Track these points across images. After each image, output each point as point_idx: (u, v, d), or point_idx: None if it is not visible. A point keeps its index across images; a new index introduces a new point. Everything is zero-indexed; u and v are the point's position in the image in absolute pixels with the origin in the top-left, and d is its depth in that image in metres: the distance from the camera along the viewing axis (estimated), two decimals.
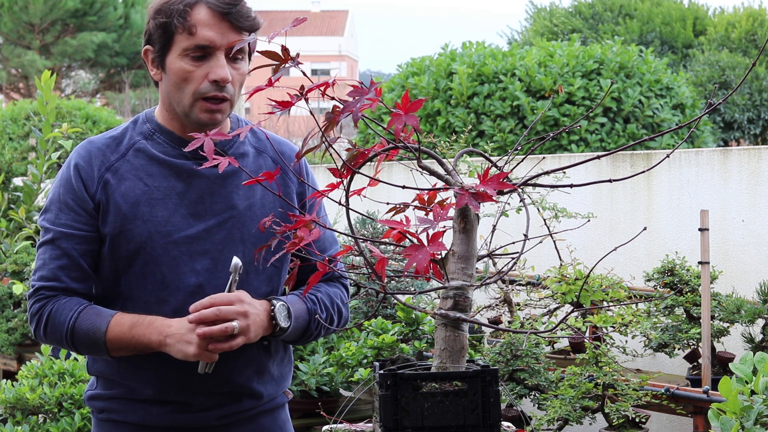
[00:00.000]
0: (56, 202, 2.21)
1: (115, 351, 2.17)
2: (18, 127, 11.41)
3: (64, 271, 2.18)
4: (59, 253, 2.18)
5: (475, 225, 1.69)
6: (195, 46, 2.13)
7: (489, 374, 1.68)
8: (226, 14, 2.14)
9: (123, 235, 2.16)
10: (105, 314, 2.17)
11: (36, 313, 2.20)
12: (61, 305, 2.18)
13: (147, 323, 2.13)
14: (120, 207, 2.16)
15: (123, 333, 2.13)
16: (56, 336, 2.19)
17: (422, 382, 1.67)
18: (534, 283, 4.28)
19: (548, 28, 22.91)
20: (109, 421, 2.27)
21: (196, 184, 2.18)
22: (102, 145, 2.21)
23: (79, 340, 2.17)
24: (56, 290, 2.19)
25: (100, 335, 2.14)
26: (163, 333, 2.11)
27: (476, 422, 1.66)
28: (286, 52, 1.67)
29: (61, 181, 2.22)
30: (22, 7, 28.52)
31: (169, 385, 2.19)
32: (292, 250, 1.72)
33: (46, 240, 2.20)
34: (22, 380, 3.65)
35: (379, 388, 1.69)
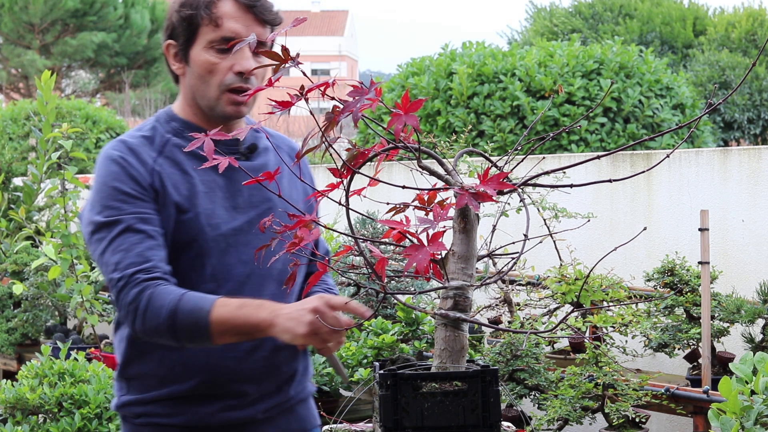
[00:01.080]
0: (112, 197, 2.14)
1: (219, 335, 2.06)
2: (18, 127, 11.41)
3: (152, 251, 2.11)
4: (142, 237, 2.11)
5: (475, 225, 1.69)
6: (221, 38, 2.15)
7: (489, 374, 1.68)
8: (251, 7, 2.17)
9: (178, 227, 2.15)
10: (209, 297, 2.08)
11: (132, 302, 2.09)
12: (160, 290, 2.08)
13: (256, 304, 2.06)
14: (173, 198, 2.15)
15: (229, 313, 2.04)
16: (155, 323, 2.07)
17: (422, 382, 1.67)
18: (534, 283, 4.28)
19: (548, 28, 22.91)
20: (150, 425, 2.21)
21: (235, 178, 2.19)
22: (138, 142, 2.20)
23: (181, 324, 2.06)
24: (151, 271, 2.09)
25: (203, 315, 2.05)
26: (274, 312, 2.03)
27: (476, 422, 1.66)
28: (286, 52, 1.67)
29: (110, 177, 2.16)
30: (22, 7, 28.51)
31: (218, 374, 2.17)
32: (292, 250, 1.72)
33: (119, 231, 2.12)
34: (22, 380, 3.65)
35: (379, 388, 1.69)
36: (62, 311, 5.49)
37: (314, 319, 1.98)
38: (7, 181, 6.23)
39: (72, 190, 5.14)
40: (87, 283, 4.84)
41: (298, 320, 2.00)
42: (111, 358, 4.81)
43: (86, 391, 3.48)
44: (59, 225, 5.05)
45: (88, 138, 11.46)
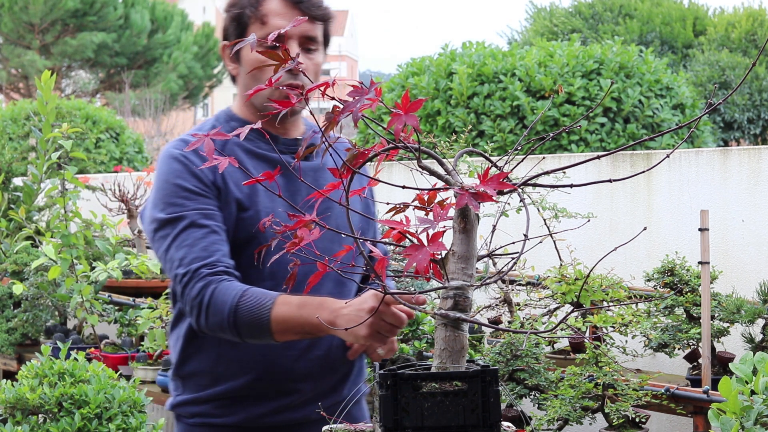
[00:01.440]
0: (175, 194, 2.15)
1: (279, 333, 2.06)
2: (18, 127, 11.40)
3: (216, 246, 2.12)
4: (206, 231, 2.13)
5: (475, 225, 1.69)
6: (267, 35, 2.16)
7: (489, 374, 1.68)
8: (298, 3, 2.17)
9: (237, 224, 2.16)
10: (271, 294, 2.08)
11: (196, 297, 2.10)
12: (224, 286, 2.08)
13: (317, 303, 2.05)
14: (235, 195, 2.16)
15: (290, 312, 2.04)
16: (218, 318, 2.08)
17: (422, 382, 1.67)
18: (534, 283, 4.28)
19: (548, 28, 22.91)
20: (203, 425, 2.23)
21: (293, 178, 2.18)
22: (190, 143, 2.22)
23: (243, 320, 2.06)
24: (215, 266, 2.10)
25: (264, 312, 2.05)
26: (335, 312, 2.02)
27: (476, 422, 1.66)
28: (286, 52, 1.67)
29: (172, 174, 2.17)
30: (22, 7, 28.51)
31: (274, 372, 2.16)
32: (292, 250, 1.72)
33: (183, 227, 2.13)
34: (22, 380, 3.65)
35: (379, 388, 1.69)
36: (62, 311, 5.49)
37: (374, 320, 1.97)
38: (7, 181, 6.23)
39: (72, 190, 5.14)
40: (87, 283, 4.84)
41: (358, 321, 1.98)
42: (111, 358, 4.82)
43: (86, 391, 3.47)
44: (59, 225, 5.05)
45: (88, 138, 11.46)
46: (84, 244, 4.95)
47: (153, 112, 26.53)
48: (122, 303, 5.17)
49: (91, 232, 5.44)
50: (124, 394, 3.41)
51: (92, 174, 9.23)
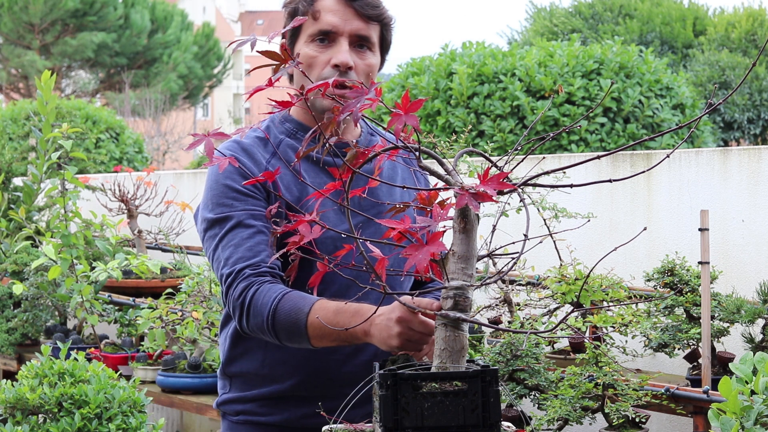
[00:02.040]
0: (224, 195, 2.16)
1: (316, 338, 2.06)
2: (18, 127, 11.40)
3: (262, 246, 2.12)
4: (253, 231, 2.13)
5: (475, 225, 1.69)
6: (318, 30, 2.16)
7: (489, 374, 1.68)
8: (352, 1, 2.17)
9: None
10: (309, 298, 2.07)
11: (239, 297, 2.10)
12: (265, 288, 2.09)
13: (353, 311, 2.03)
14: (285, 198, 2.15)
15: (326, 318, 2.03)
16: (258, 320, 2.08)
17: (422, 382, 1.67)
18: (534, 283, 4.28)
19: (548, 28, 22.92)
20: (247, 423, 2.25)
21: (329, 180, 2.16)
22: (251, 143, 2.22)
23: (280, 324, 2.06)
24: (259, 266, 2.11)
25: (302, 317, 2.05)
26: (369, 321, 2.01)
27: (476, 422, 1.66)
28: (286, 52, 1.67)
29: (223, 175, 2.17)
30: (22, 7, 28.51)
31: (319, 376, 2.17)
32: (292, 249, 1.72)
33: (230, 227, 2.14)
34: (22, 380, 3.65)
35: (379, 388, 1.69)
36: (62, 311, 5.49)
37: (403, 329, 1.96)
38: (7, 181, 6.23)
39: (72, 190, 5.13)
40: (87, 283, 4.84)
41: (388, 332, 1.98)
42: (111, 358, 4.82)
43: (86, 391, 3.47)
44: (59, 225, 5.05)
45: (88, 138, 11.46)
46: (84, 244, 4.95)
47: (153, 112, 26.53)
48: (122, 303, 5.17)
49: (91, 232, 5.44)
50: (124, 394, 3.41)
51: (92, 174, 9.23)
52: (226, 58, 36.51)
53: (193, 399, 4.26)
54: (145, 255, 5.36)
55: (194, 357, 4.34)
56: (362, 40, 2.18)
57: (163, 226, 6.23)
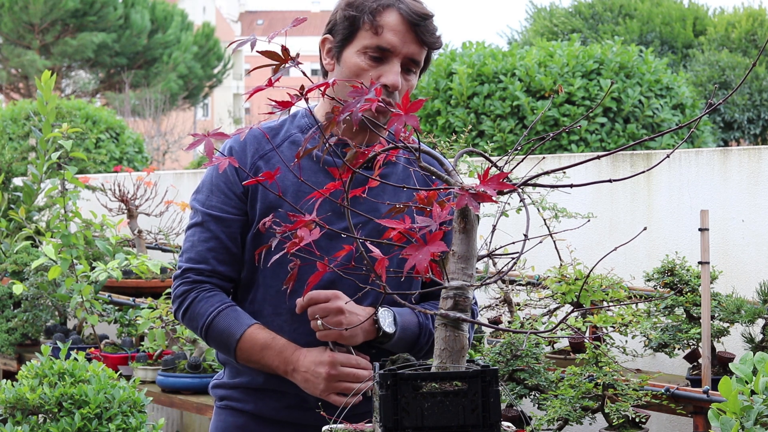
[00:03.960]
0: (208, 184, 2.26)
1: (243, 361, 2.23)
2: (18, 127, 11.40)
3: (212, 253, 2.23)
4: (208, 236, 2.23)
5: (475, 225, 1.69)
6: (376, 46, 2.16)
7: (489, 374, 1.68)
8: (416, 25, 2.16)
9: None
10: (243, 322, 2.21)
11: (180, 296, 2.25)
12: (204, 297, 2.22)
13: (277, 350, 2.18)
14: (267, 195, 2.20)
15: (253, 350, 2.19)
16: (193, 325, 2.25)
17: (422, 382, 1.67)
18: (534, 283, 4.28)
19: (548, 28, 22.92)
20: (227, 408, 2.33)
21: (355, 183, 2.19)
22: (258, 134, 2.24)
23: (212, 338, 2.23)
24: (203, 273, 2.23)
25: (232, 342, 2.20)
26: (292, 365, 2.17)
27: (476, 422, 1.66)
28: (286, 52, 1.67)
29: (214, 167, 2.26)
30: (22, 7, 28.51)
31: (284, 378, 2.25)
32: (292, 249, 1.72)
33: (196, 222, 2.25)
34: (22, 380, 3.65)
35: (379, 388, 1.69)
36: (62, 311, 5.49)
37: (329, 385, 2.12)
38: (7, 181, 6.23)
39: (72, 190, 5.13)
40: (87, 283, 4.84)
41: (313, 383, 2.14)
42: (111, 358, 4.82)
43: (86, 391, 3.47)
44: (59, 225, 5.05)
45: (88, 138, 11.46)
46: (84, 244, 4.95)
47: (153, 112, 26.54)
48: (122, 303, 5.17)
49: (91, 232, 5.44)
50: (124, 394, 3.40)
51: (92, 174, 9.23)
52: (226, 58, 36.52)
53: (193, 399, 4.26)
54: (145, 255, 5.37)
55: (194, 357, 4.34)
56: (412, 64, 2.19)
57: (163, 226, 6.23)
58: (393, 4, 2.18)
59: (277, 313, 2.24)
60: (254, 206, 2.22)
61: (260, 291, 2.25)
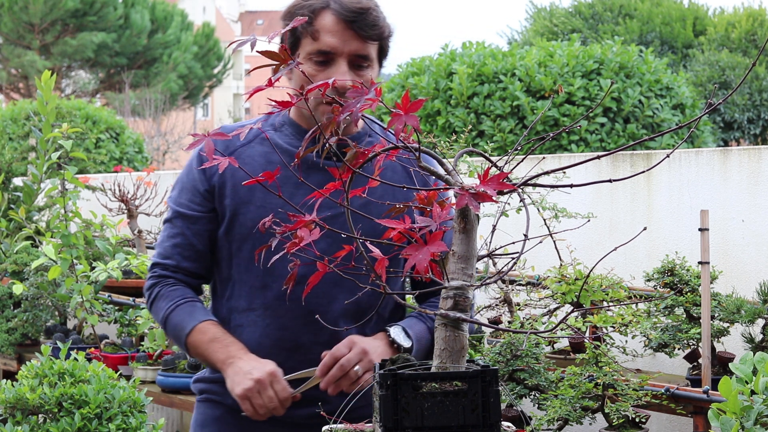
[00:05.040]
0: (180, 183, 2.32)
1: (193, 354, 2.27)
2: (18, 127, 11.40)
3: (177, 249, 2.28)
4: (175, 232, 2.29)
5: (475, 225, 1.69)
6: (318, 50, 2.16)
7: (489, 374, 1.68)
8: (351, 22, 2.15)
9: (236, 218, 2.23)
10: (196, 316, 2.25)
11: (149, 289, 2.33)
12: (167, 291, 2.29)
13: (225, 343, 2.21)
14: (237, 191, 2.23)
15: (201, 342, 2.23)
16: (156, 318, 2.33)
17: (422, 382, 1.67)
18: (534, 283, 4.28)
19: (548, 28, 22.91)
20: (206, 401, 2.37)
21: (314, 177, 2.17)
22: (230, 132, 2.23)
23: (169, 331, 2.30)
24: (168, 268, 2.30)
25: (182, 335, 2.25)
26: (231, 358, 2.18)
27: (476, 422, 1.66)
28: (285, 52, 1.67)
29: (188, 162, 2.33)
30: (22, 7, 28.50)
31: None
32: (292, 250, 1.72)
33: (167, 218, 2.32)
34: (22, 380, 3.65)
35: (379, 388, 1.69)
36: (62, 311, 5.48)
37: (252, 388, 2.11)
38: (7, 181, 6.23)
39: (72, 190, 5.13)
40: (87, 283, 4.83)
41: (241, 380, 2.14)
42: (111, 358, 4.81)
43: (86, 391, 3.47)
44: (59, 225, 5.05)
45: (88, 138, 11.46)
46: (84, 244, 4.94)
47: (153, 112, 26.53)
48: (122, 303, 5.17)
49: (91, 232, 5.44)
50: (124, 394, 3.40)
51: (92, 174, 9.23)
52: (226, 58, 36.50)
53: (193, 399, 4.25)
54: (145, 255, 5.37)
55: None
56: (361, 60, 2.18)
57: None
58: (326, 5, 2.17)
59: (251, 308, 2.26)
60: (222, 202, 2.25)
61: (236, 287, 2.27)
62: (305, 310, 2.20)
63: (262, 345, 2.23)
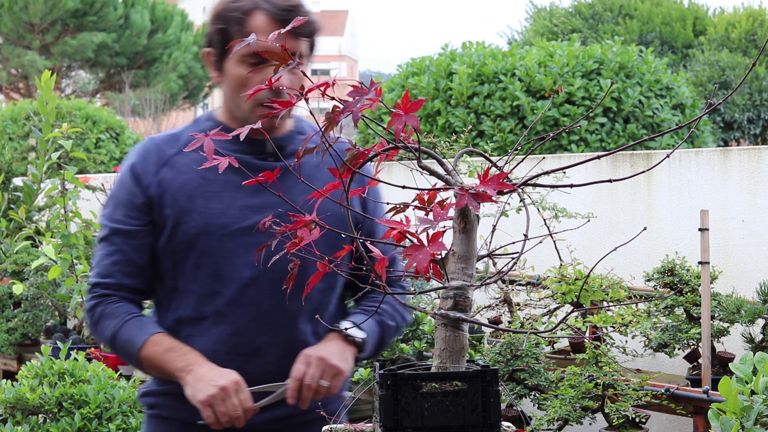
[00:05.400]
0: (113, 198, 2.26)
1: (147, 368, 2.20)
2: (18, 127, 11.40)
3: (117, 266, 2.22)
4: (113, 249, 2.22)
5: (475, 225, 1.69)
6: (252, 52, 2.12)
7: (489, 374, 1.68)
8: (283, 21, 2.12)
9: (179, 227, 2.18)
10: (147, 330, 2.19)
11: (90, 310, 2.25)
12: (111, 309, 2.21)
13: (183, 351, 2.15)
14: (177, 200, 2.18)
15: (156, 353, 2.16)
16: (101, 338, 2.25)
17: (422, 382, 1.67)
18: (534, 283, 4.28)
19: (548, 28, 22.91)
20: (158, 417, 2.29)
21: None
22: (160, 141, 2.24)
23: (118, 349, 2.22)
24: (109, 287, 2.23)
25: (134, 350, 2.18)
26: (190, 366, 2.12)
27: (476, 422, 1.66)
28: (286, 52, 1.67)
29: (119, 177, 2.26)
30: (22, 7, 28.50)
31: None
32: (292, 250, 1.72)
33: (102, 236, 2.26)
34: (22, 380, 3.65)
35: (379, 388, 1.69)
36: (62, 311, 5.48)
37: (216, 395, 2.06)
38: (7, 181, 6.23)
39: (72, 190, 5.14)
40: (87, 283, 4.83)
41: (204, 387, 2.08)
42: (111, 359, 4.81)
43: (86, 391, 3.47)
44: (59, 225, 5.05)
45: (88, 138, 11.46)
46: (84, 244, 4.94)
47: (153, 112, 26.54)
48: None
49: (91, 232, 5.44)
50: (124, 394, 3.40)
51: (92, 174, 9.23)
52: None
53: None
54: None
55: None
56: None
57: None
58: (257, 6, 2.14)
59: (201, 317, 2.20)
60: (162, 212, 2.19)
61: (182, 297, 2.21)
62: (260, 313, 2.17)
63: (217, 352, 2.18)
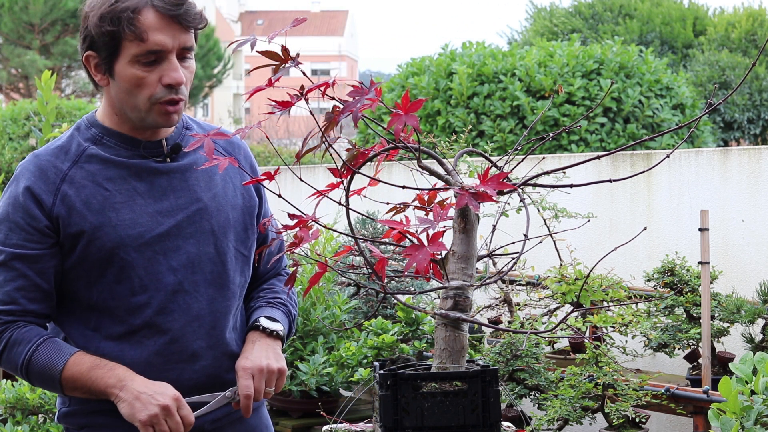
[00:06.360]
0: (5, 222, 2.10)
1: (70, 390, 2.09)
2: (18, 127, 11.40)
3: (20, 292, 2.09)
4: (14, 275, 2.08)
5: (475, 225, 1.69)
6: (147, 51, 2.05)
7: (489, 374, 1.68)
8: (175, 15, 2.07)
9: (92, 244, 2.07)
10: (65, 351, 2.08)
11: None
12: (20, 334, 2.08)
13: (109, 367, 2.05)
14: (85, 216, 2.08)
15: (80, 373, 2.05)
16: (11, 366, 2.10)
17: (422, 382, 1.67)
18: (534, 283, 4.28)
19: (548, 28, 22.92)
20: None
21: (158, 182, 2.11)
22: (51, 156, 2.13)
23: (35, 375, 2.09)
24: (14, 314, 2.09)
25: (56, 373, 2.06)
26: (123, 381, 2.03)
27: (476, 422, 1.67)
28: (286, 52, 1.67)
29: (10, 200, 2.11)
30: (22, 7, 28.51)
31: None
32: (293, 250, 1.72)
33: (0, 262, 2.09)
34: (22, 380, 3.65)
35: (379, 388, 1.69)
36: None
37: (158, 414, 2.00)
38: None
39: None
40: None
41: (143, 406, 2.01)
42: None
43: None
44: None
45: None
46: None
47: None
48: None
49: None
50: None
51: None
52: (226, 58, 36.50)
53: None
54: None
55: None
56: (186, 51, 2.11)
57: None
58: (145, 3, 2.07)
59: (131, 331, 2.12)
60: (69, 232, 2.08)
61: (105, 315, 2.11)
62: (191, 317, 2.12)
63: (153, 364, 2.10)
